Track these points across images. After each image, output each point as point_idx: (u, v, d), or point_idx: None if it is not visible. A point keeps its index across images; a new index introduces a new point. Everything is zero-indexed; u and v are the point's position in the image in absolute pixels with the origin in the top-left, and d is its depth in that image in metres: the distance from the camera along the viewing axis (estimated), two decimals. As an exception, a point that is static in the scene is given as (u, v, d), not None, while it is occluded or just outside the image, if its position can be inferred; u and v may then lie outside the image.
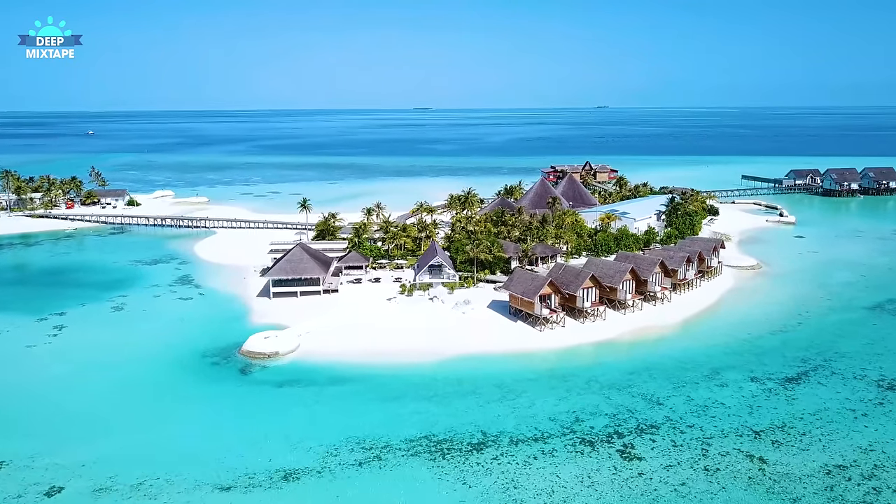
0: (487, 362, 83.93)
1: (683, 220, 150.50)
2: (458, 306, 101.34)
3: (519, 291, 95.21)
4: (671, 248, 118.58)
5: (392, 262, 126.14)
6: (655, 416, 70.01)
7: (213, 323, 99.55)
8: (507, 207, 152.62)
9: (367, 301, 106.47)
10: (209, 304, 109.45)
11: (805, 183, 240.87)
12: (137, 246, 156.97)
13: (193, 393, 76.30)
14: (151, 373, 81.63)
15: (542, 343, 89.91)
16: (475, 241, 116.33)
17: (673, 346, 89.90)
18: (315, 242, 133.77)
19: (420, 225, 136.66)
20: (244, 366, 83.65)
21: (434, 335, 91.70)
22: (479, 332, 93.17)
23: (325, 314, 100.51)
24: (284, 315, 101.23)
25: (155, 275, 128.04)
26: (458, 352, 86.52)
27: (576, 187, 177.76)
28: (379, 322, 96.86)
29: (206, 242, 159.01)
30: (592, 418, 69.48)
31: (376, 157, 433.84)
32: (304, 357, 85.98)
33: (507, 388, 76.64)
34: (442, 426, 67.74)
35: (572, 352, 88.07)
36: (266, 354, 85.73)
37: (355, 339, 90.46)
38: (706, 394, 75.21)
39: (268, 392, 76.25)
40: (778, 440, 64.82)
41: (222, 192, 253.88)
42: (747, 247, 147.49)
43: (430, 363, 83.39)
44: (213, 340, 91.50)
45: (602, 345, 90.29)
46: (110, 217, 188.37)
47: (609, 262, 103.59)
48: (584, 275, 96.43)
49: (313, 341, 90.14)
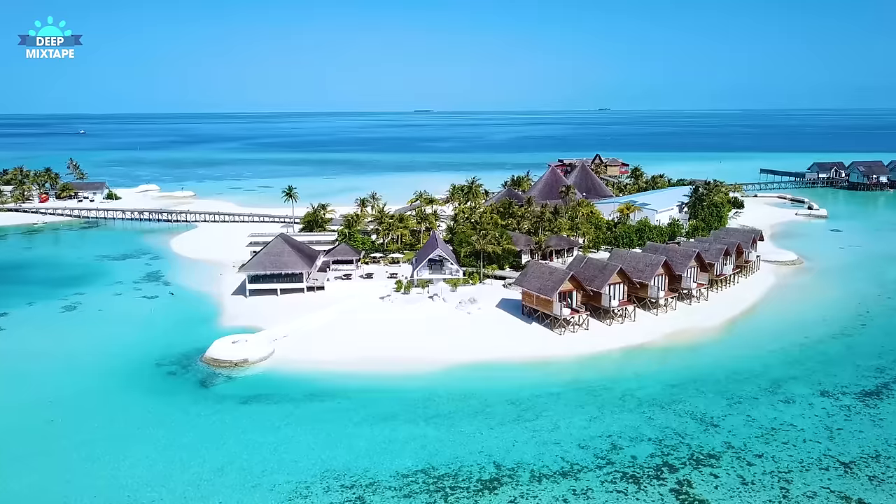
0: (499, 372, 69.59)
1: (710, 211, 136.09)
2: (463, 305, 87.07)
3: (534, 288, 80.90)
4: (706, 240, 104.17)
5: (387, 257, 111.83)
6: (712, 441, 55.64)
7: (176, 325, 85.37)
8: (514, 198, 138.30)
9: (357, 300, 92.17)
10: (176, 304, 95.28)
11: (829, 176, 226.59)
12: (108, 240, 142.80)
13: (135, 412, 61.80)
14: (88, 386, 67.28)
15: (562, 349, 75.56)
16: (481, 231, 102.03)
17: (719, 352, 75.54)
18: (300, 234, 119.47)
19: (419, 215, 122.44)
20: (205, 376, 69.32)
21: (434, 339, 77.41)
22: (488, 335, 78.84)
23: (308, 315, 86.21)
24: (261, 316, 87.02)
25: (120, 271, 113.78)
26: (464, 360, 72.20)
27: (589, 177, 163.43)
28: (369, 324, 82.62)
29: (185, 237, 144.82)
30: (633, 445, 55.13)
31: (374, 154, 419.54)
32: (278, 366, 71.68)
33: (525, 405, 62.31)
34: (444, 456, 53.44)
35: (600, 359, 73.72)
36: (233, 362, 71.43)
37: (341, 345, 76.17)
38: (770, 412, 60.83)
39: (229, 410, 61.89)
40: (876, 476, 50.44)
41: (211, 187, 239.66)
42: (781, 241, 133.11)
43: (429, 374, 69.08)
44: (172, 346, 77.27)
45: (635, 351, 75.93)
46: (84, 210, 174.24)
47: (638, 255, 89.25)
48: (611, 269, 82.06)
49: (291, 346, 75.87)
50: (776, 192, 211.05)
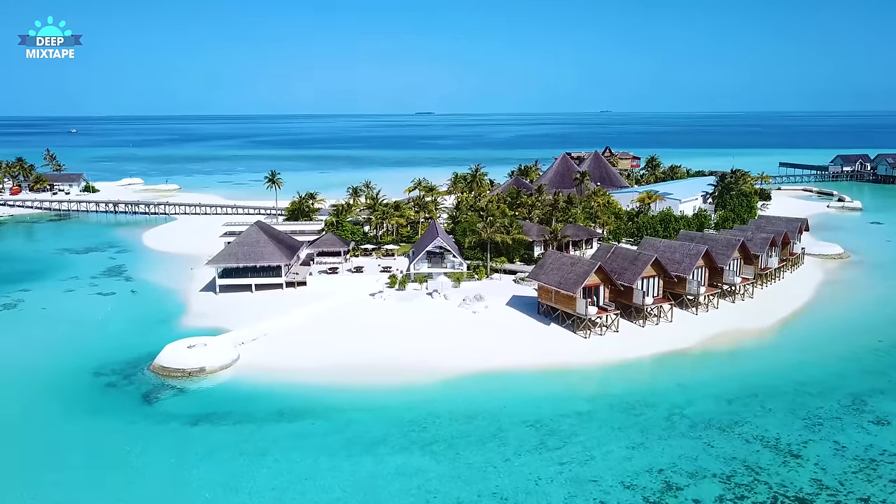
0: (513, 385, 56.46)
1: (739, 201, 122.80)
2: (468, 304, 73.94)
3: (553, 282, 67.73)
4: (745, 229, 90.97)
5: (380, 249, 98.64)
6: (797, 479, 42.46)
7: (130, 326, 72.30)
8: (523, 188, 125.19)
9: (344, 297, 79.01)
10: (135, 301, 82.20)
11: (854, 169, 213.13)
12: (75, 233, 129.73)
13: (46, 439, 48.51)
14: (6, 401, 54.16)
15: (589, 355, 62.37)
16: (488, 218, 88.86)
17: (779, 359, 62.28)
18: (282, 224, 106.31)
19: (418, 203, 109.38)
20: (151, 389, 56.21)
21: (433, 344, 64.32)
22: (498, 338, 65.67)
23: (284, 314, 73.08)
24: (230, 315, 73.86)
25: (80, 265, 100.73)
26: (469, 368, 59.11)
27: (603, 166, 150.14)
28: (356, 326, 69.53)
29: (161, 229, 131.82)
30: (694, 483, 41.96)
31: (373, 150, 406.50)
32: (242, 375, 58.57)
33: (547, 427, 49.18)
34: (446, 498, 40.35)
35: (635, 367, 60.59)
36: (186, 372, 58.34)
37: (320, 350, 63.05)
38: (862, 437, 47.67)
39: (172, 434, 48.76)
40: None
41: (199, 181, 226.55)
42: (820, 234, 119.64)
43: (426, 387, 56.01)
44: (119, 350, 64.19)
45: (675, 357, 62.72)
46: (56, 203, 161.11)
47: (674, 244, 76.00)
48: (644, 259, 68.84)
49: (260, 352, 62.77)
50: (801, 185, 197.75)
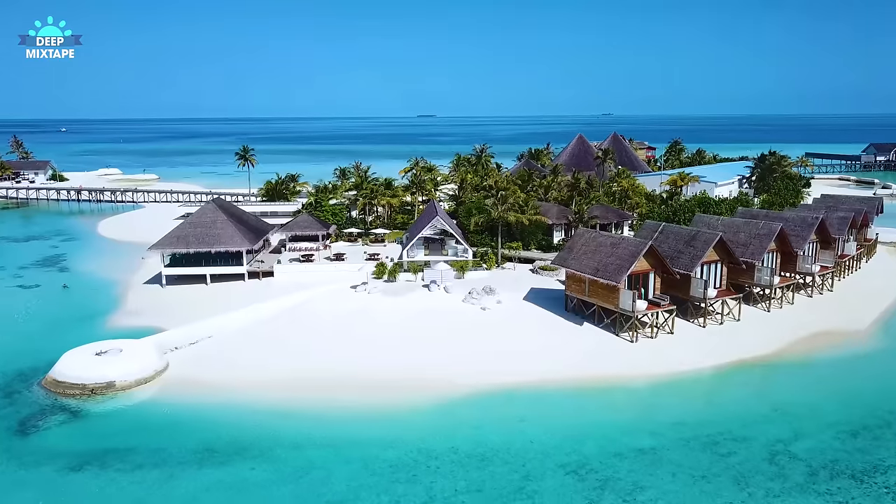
0: (540, 408, 40.37)
1: (784, 183, 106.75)
2: (474, 298, 57.85)
3: (588, 269, 51.64)
4: (815, 208, 74.79)
5: (368, 235, 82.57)
6: None
7: (41, 325, 56.47)
8: (534, 171, 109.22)
9: (320, 289, 62.90)
10: (59, 296, 66.31)
11: (888, 159, 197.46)
12: (22, 222, 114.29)
13: None
14: None
15: (640, 365, 46.22)
16: (500, 194, 72.72)
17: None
18: (251, 205, 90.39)
19: (414, 183, 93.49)
20: (35, 412, 40.24)
21: (430, 349, 48.21)
22: (515, 342, 49.54)
23: (240, 311, 57.09)
24: (173, 312, 57.97)
25: (10, 254, 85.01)
26: (478, 385, 42.98)
27: (624, 148, 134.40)
28: (330, 325, 53.49)
29: (121, 217, 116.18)
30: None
31: (372, 146, 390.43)
32: (165, 393, 42.59)
33: (596, 473, 33.10)
34: None
35: (706, 383, 44.52)
36: (88, 388, 42.37)
37: (277, 357, 47.04)
38: None
39: (40, 483, 32.72)
40: None
41: (181, 172, 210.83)
42: (878, 222, 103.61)
43: (418, 410, 39.95)
44: (14, 357, 48.39)
45: (758, 368, 46.62)
46: (14, 191, 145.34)
47: (737, 222, 59.86)
48: (706, 239, 52.73)
49: (197, 361, 46.77)
50: (835, 174, 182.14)
